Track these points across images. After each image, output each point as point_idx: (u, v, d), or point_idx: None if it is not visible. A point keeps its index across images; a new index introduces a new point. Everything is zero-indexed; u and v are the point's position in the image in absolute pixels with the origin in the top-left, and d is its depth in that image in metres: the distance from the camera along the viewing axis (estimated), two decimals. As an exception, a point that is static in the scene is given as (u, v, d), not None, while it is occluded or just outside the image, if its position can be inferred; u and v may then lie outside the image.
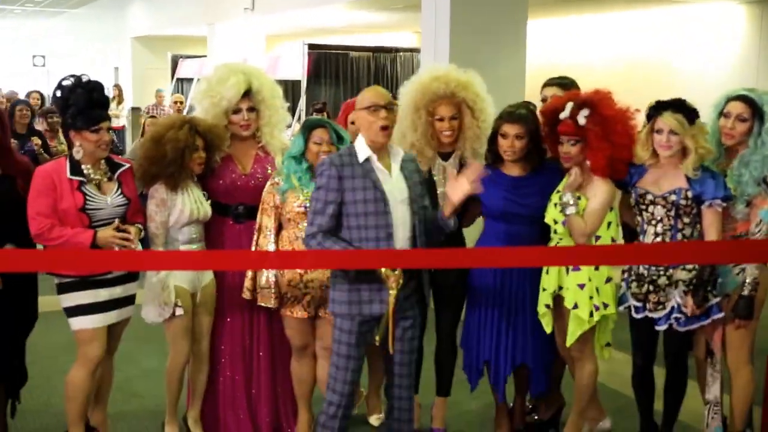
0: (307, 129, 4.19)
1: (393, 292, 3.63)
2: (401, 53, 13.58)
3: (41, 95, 11.07)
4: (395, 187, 3.74)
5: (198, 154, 4.21)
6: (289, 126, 8.50)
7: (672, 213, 3.96)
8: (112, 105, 13.09)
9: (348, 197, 3.67)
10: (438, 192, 4.32)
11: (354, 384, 3.83)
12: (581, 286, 4.06)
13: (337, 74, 13.68)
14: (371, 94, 3.77)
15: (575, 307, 4.07)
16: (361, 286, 3.70)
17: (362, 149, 3.72)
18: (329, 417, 3.81)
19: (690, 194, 3.92)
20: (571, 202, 3.99)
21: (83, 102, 4.00)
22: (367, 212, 3.67)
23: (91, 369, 4.08)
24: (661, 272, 3.98)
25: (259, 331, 4.49)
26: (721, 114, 4.08)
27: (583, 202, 4.04)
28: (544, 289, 4.18)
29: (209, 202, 4.34)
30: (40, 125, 8.93)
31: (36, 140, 8.17)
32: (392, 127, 3.78)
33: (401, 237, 3.72)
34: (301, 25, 14.81)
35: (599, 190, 4.05)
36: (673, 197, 3.94)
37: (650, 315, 4.04)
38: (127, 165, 4.23)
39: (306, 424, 4.43)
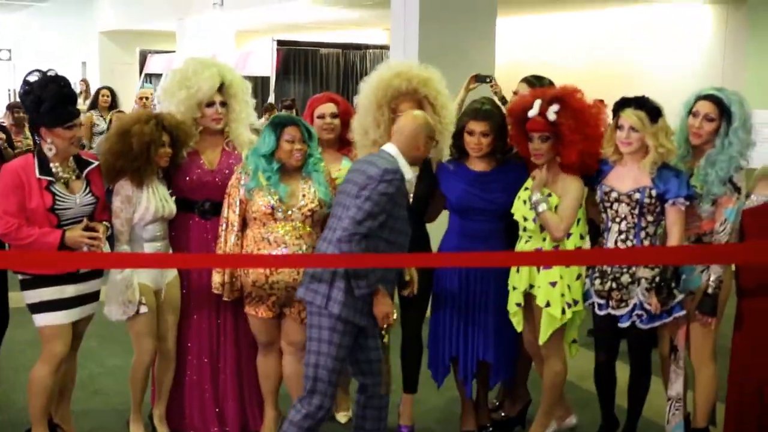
0: (279, 126, 4.15)
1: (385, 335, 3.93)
2: (371, 50, 13.59)
3: None
4: None
5: (164, 150, 4.17)
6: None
7: (636, 211, 3.99)
8: (79, 100, 12.91)
9: (393, 211, 3.78)
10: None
11: (337, 386, 3.89)
12: (553, 284, 4.08)
13: (306, 71, 13.65)
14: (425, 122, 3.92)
15: (547, 305, 4.09)
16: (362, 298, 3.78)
17: (407, 170, 3.82)
18: (315, 420, 3.82)
19: (654, 193, 3.95)
20: (542, 200, 4.01)
21: (56, 98, 3.93)
22: (396, 228, 3.81)
23: (54, 366, 4.04)
24: (624, 270, 4.01)
25: (225, 329, 4.46)
26: (690, 113, 4.11)
27: (554, 199, 4.05)
28: (514, 288, 4.19)
29: (174, 198, 4.30)
30: (5, 119, 8.82)
31: (0, 135, 8.05)
32: None
33: None
34: (270, 21, 14.74)
35: (571, 187, 4.06)
36: (637, 195, 3.97)
37: (613, 312, 4.07)
38: (96, 163, 4.17)
39: (272, 420, 4.42)
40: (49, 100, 3.93)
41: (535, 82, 4.64)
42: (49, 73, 4.02)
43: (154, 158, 4.13)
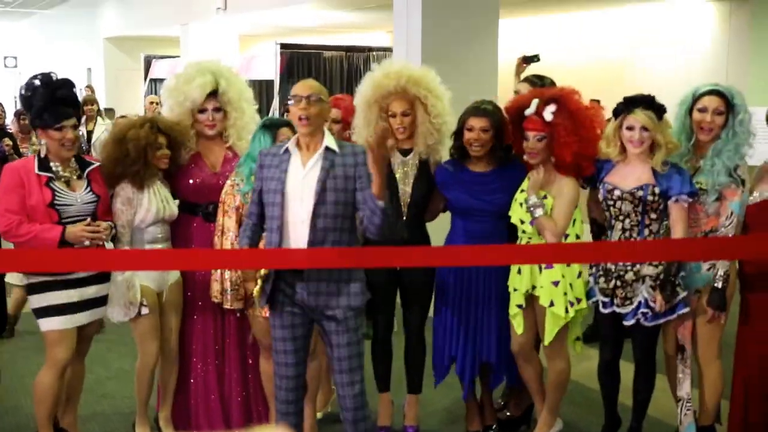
0: (272, 128, 4.16)
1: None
2: (374, 53, 13.57)
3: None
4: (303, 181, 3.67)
5: (162, 152, 4.20)
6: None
7: (639, 209, 3.99)
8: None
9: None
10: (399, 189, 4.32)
11: None
12: (555, 284, 4.08)
13: (310, 74, 13.61)
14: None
15: (551, 305, 4.09)
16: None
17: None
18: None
19: (657, 190, 3.95)
20: (538, 203, 4.01)
21: (45, 100, 3.96)
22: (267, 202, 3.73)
23: (59, 371, 4.05)
24: (629, 268, 4.01)
25: (229, 330, 4.48)
26: (691, 109, 4.11)
27: (549, 201, 4.06)
28: (515, 290, 4.19)
29: (177, 202, 4.32)
30: (12, 126, 8.87)
31: (7, 141, 8.10)
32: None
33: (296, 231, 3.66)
34: (274, 25, 14.76)
35: (565, 188, 4.07)
36: (641, 193, 3.98)
37: (618, 310, 4.07)
38: (97, 163, 4.21)
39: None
40: (37, 101, 3.96)
41: (537, 81, 4.65)
42: (51, 76, 4.04)
43: (152, 161, 4.15)
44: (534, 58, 5.06)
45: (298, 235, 3.63)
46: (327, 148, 3.66)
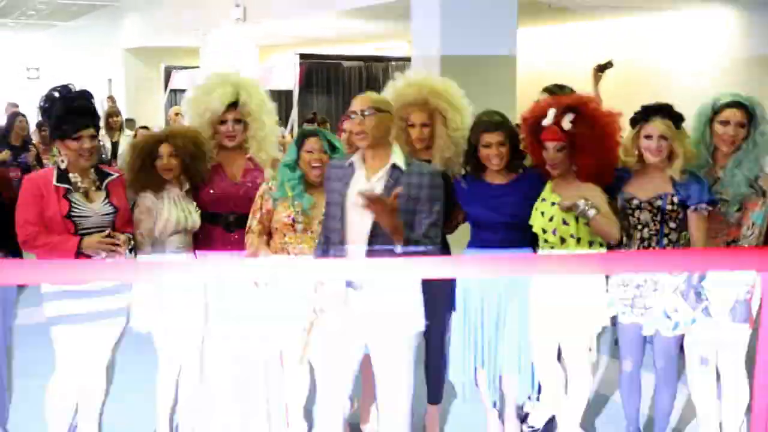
0: (301, 137, 4.20)
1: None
2: (393, 62, 13.61)
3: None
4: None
5: (163, 163, 4.23)
6: (283, 136, 8.51)
7: (658, 218, 3.97)
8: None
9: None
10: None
11: None
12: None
13: (329, 84, 13.70)
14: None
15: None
16: None
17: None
18: None
19: (676, 199, 3.94)
20: (589, 205, 3.91)
21: (61, 110, 4.00)
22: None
23: (73, 381, 4.07)
24: (649, 277, 3.99)
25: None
26: (712, 121, 4.10)
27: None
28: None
29: (200, 212, 4.35)
30: (35, 136, 8.99)
31: (32, 150, 8.26)
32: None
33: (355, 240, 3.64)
34: (292, 35, 14.83)
35: (594, 192, 4.00)
36: (659, 202, 3.96)
37: (637, 320, 4.05)
38: (116, 174, 4.24)
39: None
40: (55, 112, 4.01)
41: (557, 91, 4.63)
42: (69, 87, 4.09)
43: (152, 169, 4.20)
44: (608, 65, 5.05)
45: (355, 251, 3.62)
46: (394, 165, 3.64)
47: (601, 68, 5.09)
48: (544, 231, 4.08)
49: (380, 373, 3.74)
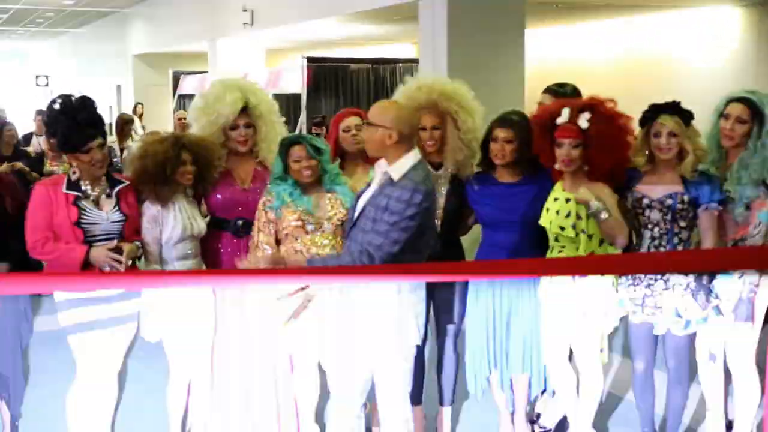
0: (283, 148, 4.17)
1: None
2: (400, 64, 13.61)
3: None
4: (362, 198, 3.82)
5: (184, 168, 4.19)
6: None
7: (668, 217, 3.95)
8: (137, 124, 12.87)
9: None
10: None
11: None
12: None
13: (337, 87, 13.71)
14: None
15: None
16: None
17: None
18: None
19: (686, 198, 3.92)
20: (601, 207, 3.88)
21: (66, 126, 4.00)
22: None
23: (91, 388, 4.07)
24: (659, 276, 3.97)
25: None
26: (721, 115, 4.08)
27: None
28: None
29: (207, 218, 4.34)
30: (44, 145, 8.92)
31: (18, 165, 7.88)
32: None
33: None
34: (300, 39, 14.85)
35: (605, 190, 3.97)
36: (669, 201, 3.94)
37: (648, 319, 4.03)
38: (127, 182, 4.23)
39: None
40: (60, 128, 4.02)
41: (558, 89, 4.62)
42: (72, 99, 4.08)
43: (172, 177, 4.15)
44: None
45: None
46: (388, 176, 3.68)
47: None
48: (562, 228, 4.02)
49: (379, 388, 3.84)
